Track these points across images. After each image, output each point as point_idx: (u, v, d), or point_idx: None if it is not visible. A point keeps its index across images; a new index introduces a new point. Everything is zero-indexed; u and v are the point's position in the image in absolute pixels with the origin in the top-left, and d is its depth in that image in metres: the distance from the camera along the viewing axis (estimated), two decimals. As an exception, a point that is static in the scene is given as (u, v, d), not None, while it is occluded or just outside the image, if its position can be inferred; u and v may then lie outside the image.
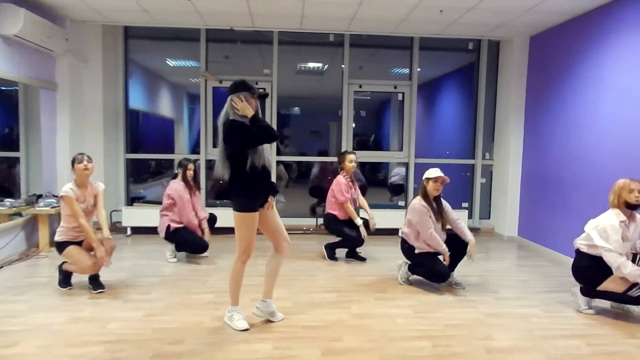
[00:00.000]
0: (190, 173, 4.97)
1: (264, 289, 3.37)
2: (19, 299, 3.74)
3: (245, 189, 3.08)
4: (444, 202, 4.26)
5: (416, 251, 4.17)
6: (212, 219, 5.34)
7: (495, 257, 5.60)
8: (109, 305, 3.64)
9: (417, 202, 4.13)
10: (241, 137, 3.02)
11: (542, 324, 3.42)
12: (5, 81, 4.97)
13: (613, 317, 3.59)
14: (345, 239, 5.05)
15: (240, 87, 3.16)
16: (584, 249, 3.60)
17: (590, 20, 4.98)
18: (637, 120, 4.31)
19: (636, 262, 3.54)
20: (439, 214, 4.17)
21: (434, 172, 4.12)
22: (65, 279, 4.02)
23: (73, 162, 3.91)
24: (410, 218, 4.18)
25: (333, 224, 5.06)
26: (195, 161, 5.15)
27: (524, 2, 4.83)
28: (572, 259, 3.77)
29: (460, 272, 4.40)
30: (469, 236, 4.14)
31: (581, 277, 3.67)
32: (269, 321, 3.37)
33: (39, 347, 2.88)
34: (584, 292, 3.68)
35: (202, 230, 5.04)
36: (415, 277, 4.37)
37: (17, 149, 5.64)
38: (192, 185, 5.01)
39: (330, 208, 5.07)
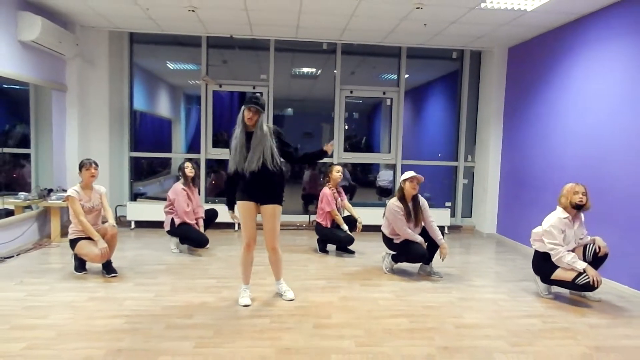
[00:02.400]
0: (188, 171, 5.37)
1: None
2: (39, 281, 4.14)
3: None
4: (422, 201, 4.69)
5: (395, 241, 4.63)
6: (213, 214, 5.76)
7: (474, 252, 6.07)
8: (121, 287, 4.06)
9: (393, 202, 4.59)
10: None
11: (506, 306, 3.89)
12: (15, 81, 5.34)
13: (569, 301, 4.06)
14: (336, 240, 5.51)
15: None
16: (536, 246, 4.11)
17: (562, 34, 5.47)
18: (599, 126, 4.79)
19: (586, 253, 4.02)
20: (414, 213, 4.59)
21: (408, 174, 4.57)
22: (80, 264, 4.43)
23: (81, 166, 4.39)
24: (387, 216, 4.65)
25: (323, 232, 5.53)
26: (191, 160, 5.56)
27: (501, 17, 5.31)
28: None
29: (439, 264, 4.85)
30: (439, 238, 4.60)
31: (537, 270, 4.18)
32: (268, 302, 3.80)
33: (67, 319, 3.30)
34: (543, 280, 4.15)
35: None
36: (398, 266, 4.83)
37: (27, 146, 6.02)
38: (190, 184, 5.41)
39: (319, 217, 5.53)
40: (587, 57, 5.04)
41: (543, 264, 4.06)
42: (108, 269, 4.37)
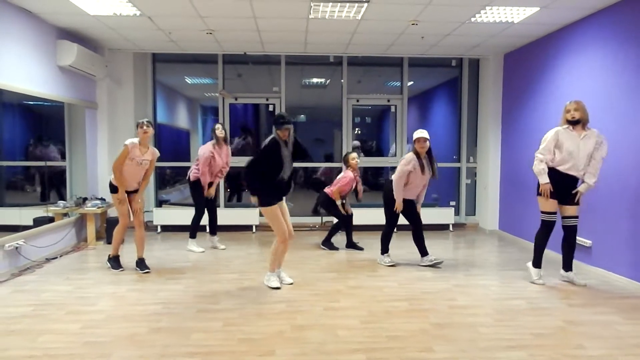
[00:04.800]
0: (219, 132, 5.85)
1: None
2: (84, 277, 4.72)
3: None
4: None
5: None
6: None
7: (477, 247, 6.51)
8: (154, 281, 4.61)
9: (409, 155, 5.09)
10: None
11: (496, 291, 4.35)
12: (51, 100, 5.93)
13: (556, 286, 4.49)
14: (336, 214, 6.03)
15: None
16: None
17: (550, 41, 5.92)
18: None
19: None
20: (428, 166, 5.07)
21: (416, 134, 5.06)
22: (115, 262, 4.99)
23: (136, 126, 4.93)
24: (398, 167, 5.16)
25: (329, 202, 6.01)
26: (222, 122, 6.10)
27: (491, 29, 5.78)
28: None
29: (444, 257, 5.32)
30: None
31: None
32: (284, 291, 4.31)
33: (112, 306, 3.86)
34: (534, 264, 4.59)
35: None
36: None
37: (63, 159, 6.63)
38: (221, 144, 5.91)
39: (334, 188, 5.99)
40: (572, 62, 5.48)
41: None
42: (141, 265, 4.93)
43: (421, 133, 5.05)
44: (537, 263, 4.61)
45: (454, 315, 3.70)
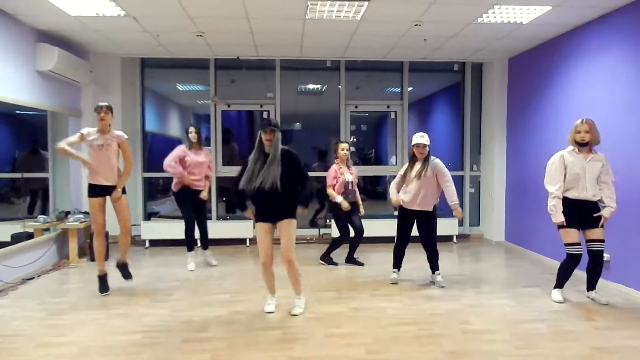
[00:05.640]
0: (191, 136, 5.49)
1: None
2: (61, 301, 4.32)
3: None
4: (437, 164, 4.74)
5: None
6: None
7: (483, 260, 6.16)
8: (139, 304, 4.21)
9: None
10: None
11: (512, 312, 3.98)
12: (34, 108, 5.58)
13: (576, 306, 4.13)
14: (338, 224, 5.63)
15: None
16: None
17: (559, 43, 5.61)
18: (600, 132, 4.87)
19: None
20: (420, 172, 4.67)
21: (415, 139, 4.73)
22: (103, 285, 4.54)
23: (94, 110, 4.53)
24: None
25: (335, 208, 5.61)
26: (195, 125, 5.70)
27: (498, 30, 5.46)
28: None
29: (449, 271, 4.96)
30: (452, 199, 4.71)
31: None
32: (281, 314, 3.93)
33: (88, 337, 3.46)
34: (556, 285, 4.27)
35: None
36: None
37: (42, 170, 6.24)
38: (194, 148, 5.54)
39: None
40: (585, 65, 5.16)
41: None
42: (124, 272, 4.55)
43: (420, 138, 4.71)
44: (559, 285, 4.28)
45: (469, 341, 3.33)
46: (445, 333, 3.49)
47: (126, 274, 4.60)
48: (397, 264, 4.96)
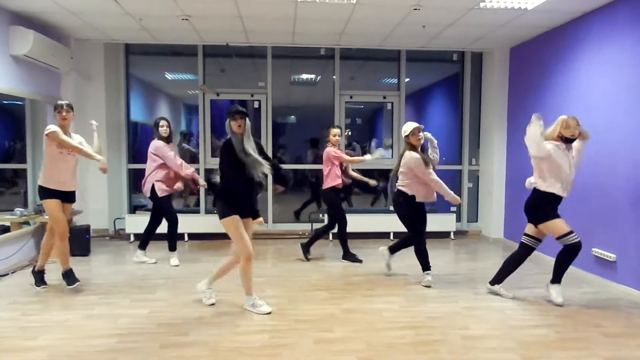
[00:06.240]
0: (163, 130, 5.19)
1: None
2: (33, 300, 4.04)
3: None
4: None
5: (417, 198, 4.48)
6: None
7: (481, 258, 5.92)
8: (117, 304, 3.94)
9: (411, 155, 4.42)
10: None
11: (514, 316, 3.74)
12: (11, 96, 5.28)
13: (582, 308, 3.91)
14: (337, 213, 5.38)
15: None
16: (537, 185, 3.96)
17: (564, 32, 5.35)
18: (605, 125, 4.64)
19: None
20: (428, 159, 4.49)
21: (409, 128, 4.45)
22: (39, 278, 4.36)
23: (55, 109, 4.22)
24: (407, 168, 4.43)
25: (332, 196, 5.37)
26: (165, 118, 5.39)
27: (500, 17, 5.19)
28: (550, 257, 4.09)
29: (445, 271, 4.72)
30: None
31: (530, 213, 4.01)
32: (269, 316, 3.67)
33: (58, 340, 3.19)
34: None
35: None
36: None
37: (24, 161, 5.94)
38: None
39: (328, 181, 5.33)
40: (590, 55, 4.91)
41: (540, 208, 3.94)
42: (68, 278, 4.25)
43: (414, 124, 4.46)
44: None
45: (470, 349, 3.09)
46: (444, 339, 3.25)
47: (70, 280, 4.27)
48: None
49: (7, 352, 3.00)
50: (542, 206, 3.91)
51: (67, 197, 4.33)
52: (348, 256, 5.49)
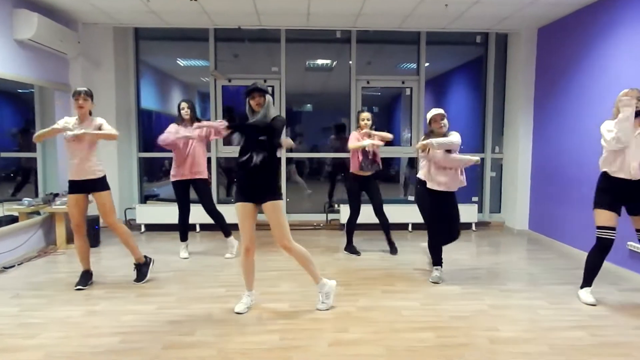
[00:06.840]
0: (184, 113, 4.93)
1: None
2: (38, 294, 3.88)
3: None
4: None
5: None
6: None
7: (505, 250, 5.61)
8: (123, 299, 3.77)
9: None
10: None
11: (546, 315, 3.45)
12: (21, 84, 5.13)
13: (620, 308, 3.60)
14: (352, 202, 5.14)
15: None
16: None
17: (597, 10, 4.95)
18: (645, 111, 4.28)
19: None
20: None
21: (429, 115, 4.24)
22: (81, 279, 4.11)
23: (72, 95, 4.04)
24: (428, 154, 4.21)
25: (350, 184, 5.16)
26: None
27: (530, -5, 4.83)
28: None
29: (467, 265, 4.44)
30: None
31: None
32: (279, 314, 3.45)
33: (57, 339, 3.01)
34: (584, 284, 3.73)
35: None
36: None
37: (34, 150, 5.81)
38: (186, 126, 4.98)
39: (350, 166, 5.12)
40: (626, 36, 4.51)
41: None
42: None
43: (436, 110, 4.22)
44: (587, 282, 3.73)
45: (499, 355, 2.82)
46: (469, 342, 2.99)
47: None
48: (438, 260, 4.35)
49: (4, 352, 2.84)
50: None
51: (85, 186, 4.10)
52: (348, 247, 5.27)
